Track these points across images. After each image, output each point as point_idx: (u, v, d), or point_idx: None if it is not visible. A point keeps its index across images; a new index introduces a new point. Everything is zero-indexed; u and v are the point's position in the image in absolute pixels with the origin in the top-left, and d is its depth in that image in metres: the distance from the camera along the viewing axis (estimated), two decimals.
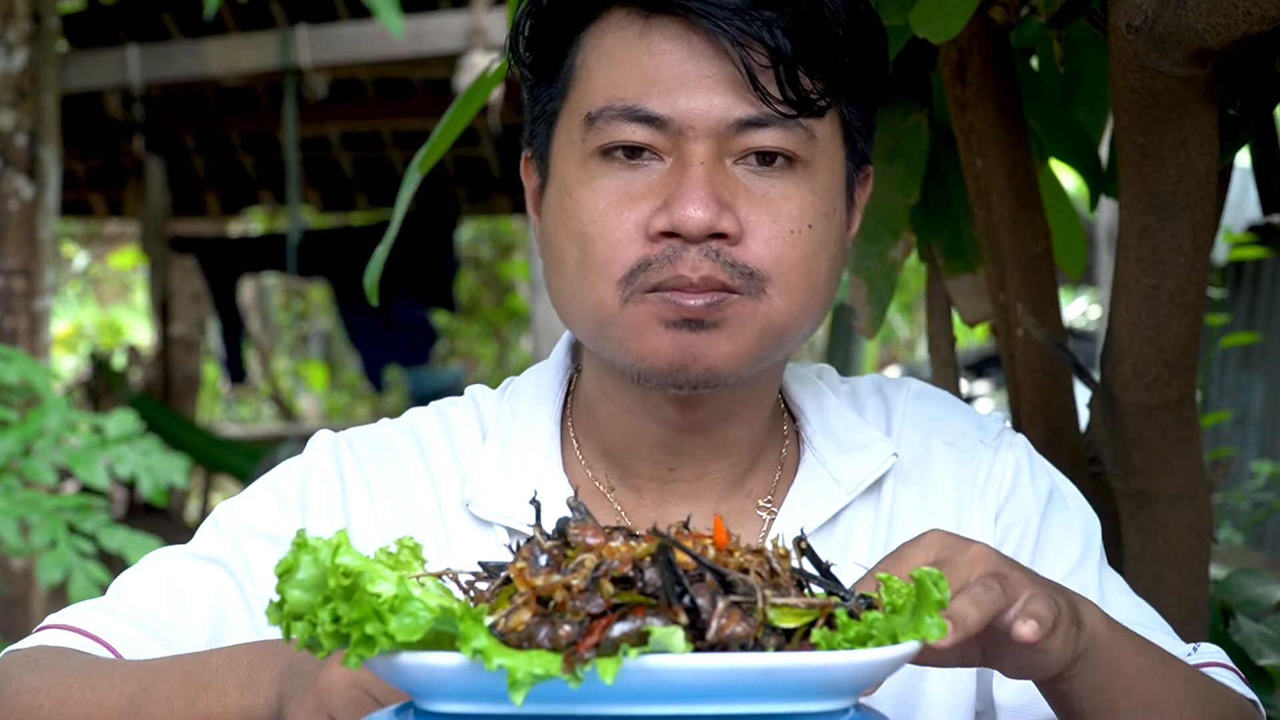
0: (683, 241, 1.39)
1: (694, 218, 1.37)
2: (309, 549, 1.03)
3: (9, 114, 6.40)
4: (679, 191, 1.39)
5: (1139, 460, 1.93)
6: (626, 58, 1.42)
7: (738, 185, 1.41)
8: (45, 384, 3.26)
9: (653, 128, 1.40)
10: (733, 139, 1.40)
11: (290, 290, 18.09)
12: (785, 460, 1.55)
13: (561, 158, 1.46)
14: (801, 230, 1.41)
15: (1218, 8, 1.54)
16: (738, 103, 1.39)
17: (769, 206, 1.41)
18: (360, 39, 8.58)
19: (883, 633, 1.06)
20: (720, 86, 1.39)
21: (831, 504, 1.51)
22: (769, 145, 1.40)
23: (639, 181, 1.41)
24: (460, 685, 1.01)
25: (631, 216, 1.40)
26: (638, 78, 1.41)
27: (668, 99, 1.40)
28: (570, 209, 1.44)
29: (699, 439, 1.50)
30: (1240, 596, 2.16)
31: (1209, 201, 1.76)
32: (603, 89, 1.42)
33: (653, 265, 1.40)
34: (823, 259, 1.43)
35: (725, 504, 1.52)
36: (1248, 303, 8.17)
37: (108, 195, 12.16)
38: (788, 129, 1.40)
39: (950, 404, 1.61)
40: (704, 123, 1.39)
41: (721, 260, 1.39)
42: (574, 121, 1.45)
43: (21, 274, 6.46)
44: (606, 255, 1.41)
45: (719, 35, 1.38)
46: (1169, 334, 1.83)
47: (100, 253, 18.94)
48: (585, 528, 1.06)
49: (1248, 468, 5.80)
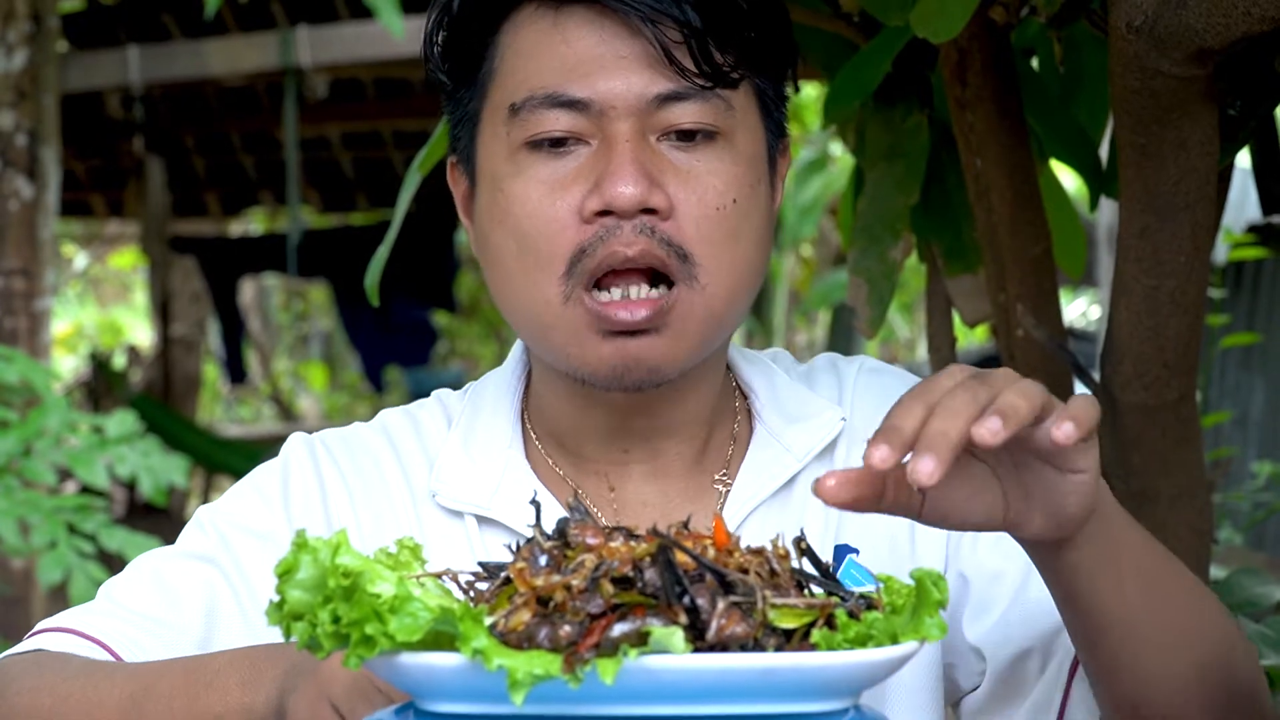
0: (615, 219, 1.42)
1: (625, 194, 1.41)
2: (309, 549, 1.03)
3: (9, 114, 6.40)
4: (608, 170, 1.42)
5: (1139, 460, 1.93)
6: (542, 48, 1.46)
7: (664, 162, 1.45)
8: (45, 384, 3.26)
9: (575, 112, 1.44)
10: (654, 115, 1.44)
11: (290, 290, 18.10)
12: (738, 435, 1.58)
13: (488, 156, 1.50)
14: (726, 206, 1.45)
15: (1218, 8, 1.54)
16: (655, 78, 1.44)
17: (695, 182, 1.45)
18: (361, 39, 8.58)
19: (882, 633, 1.06)
20: (637, 65, 1.44)
21: (783, 471, 1.54)
22: (689, 120, 1.45)
23: (568, 167, 1.45)
24: (460, 685, 1.01)
25: (564, 203, 1.44)
26: (556, 65, 1.45)
27: (587, 82, 1.44)
28: (503, 204, 1.47)
29: (646, 420, 1.53)
30: (1240, 597, 2.16)
31: (1209, 202, 1.76)
32: (523, 81, 1.46)
33: (588, 250, 1.43)
34: (749, 232, 1.47)
35: (683, 481, 1.55)
36: (1248, 303, 8.18)
37: (108, 195, 12.16)
38: (706, 101, 1.45)
39: (903, 376, 1.65)
40: (624, 101, 1.44)
41: (657, 237, 1.43)
42: (497, 118, 1.48)
43: (21, 274, 6.46)
44: (544, 245, 1.44)
45: (630, 15, 1.43)
46: (1169, 334, 1.83)
47: (100, 253, 18.94)
48: (585, 528, 1.06)
49: (1248, 468, 5.80)
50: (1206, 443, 2.43)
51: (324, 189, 12.22)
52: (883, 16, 1.83)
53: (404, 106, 10.17)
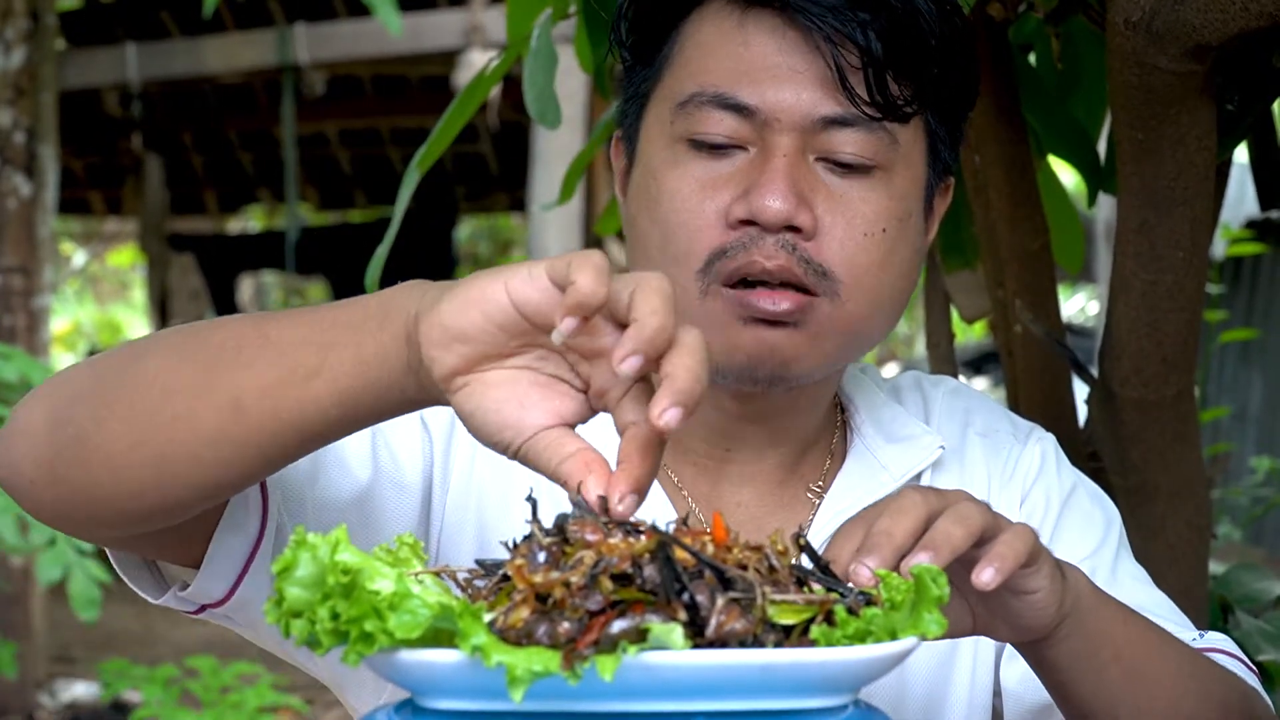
0: (759, 230, 1.41)
1: (771, 207, 1.39)
2: (308, 546, 1.03)
3: (7, 112, 6.40)
4: (760, 181, 1.41)
5: (1138, 456, 1.93)
6: (721, 47, 1.45)
7: (817, 182, 1.42)
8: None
9: (740, 116, 1.43)
10: (817, 135, 1.42)
11: (289, 288, 18.09)
12: (835, 448, 1.58)
13: (649, 141, 1.48)
14: (875, 234, 1.43)
15: (1215, 3, 1.54)
16: (825, 99, 1.42)
17: (845, 207, 1.42)
18: (358, 36, 8.59)
19: (881, 629, 1.06)
20: (810, 82, 1.42)
21: (878, 489, 1.52)
22: (850, 150, 1.42)
23: (722, 170, 1.43)
24: (459, 682, 1.01)
25: (713, 204, 1.43)
26: (730, 67, 1.43)
27: (757, 89, 1.42)
28: (655, 193, 1.46)
29: (755, 427, 1.52)
30: (1239, 592, 2.16)
31: (1207, 197, 1.77)
32: (696, 75, 1.45)
33: (728, 252, 1.41)
34: (895, 263, 1.45)
35: (779, 488, 1.54)
36: (1246, 298, 8.18)
37: (106, 193, 12.17)
38: (871, 131, 1.42)
39: (983, 400, 1.66)
40: (790, 116, 1.42)
41: (797, 255, 1.41)
42: (665, 106, 1.47)
43: (20, 272, 6.46)
44: (687, 242, 1.43)
45: (813, 32, 1.41)
46: (1167, 330, 1.84)
47: (99, 250, 18.94)
48: (584, 524, 1.06)
49: (1246, 463, 5.80)
50: (1205, 438, 2.44)
51: (322, 186, 12.23)
52: None
53: (402, 104, 10.18)
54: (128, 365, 1.24)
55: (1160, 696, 1.36)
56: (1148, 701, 1.35)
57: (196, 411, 1.18)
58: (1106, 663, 1.32)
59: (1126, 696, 1.34)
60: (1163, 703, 1.36)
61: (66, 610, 3.95)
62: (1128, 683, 1.33)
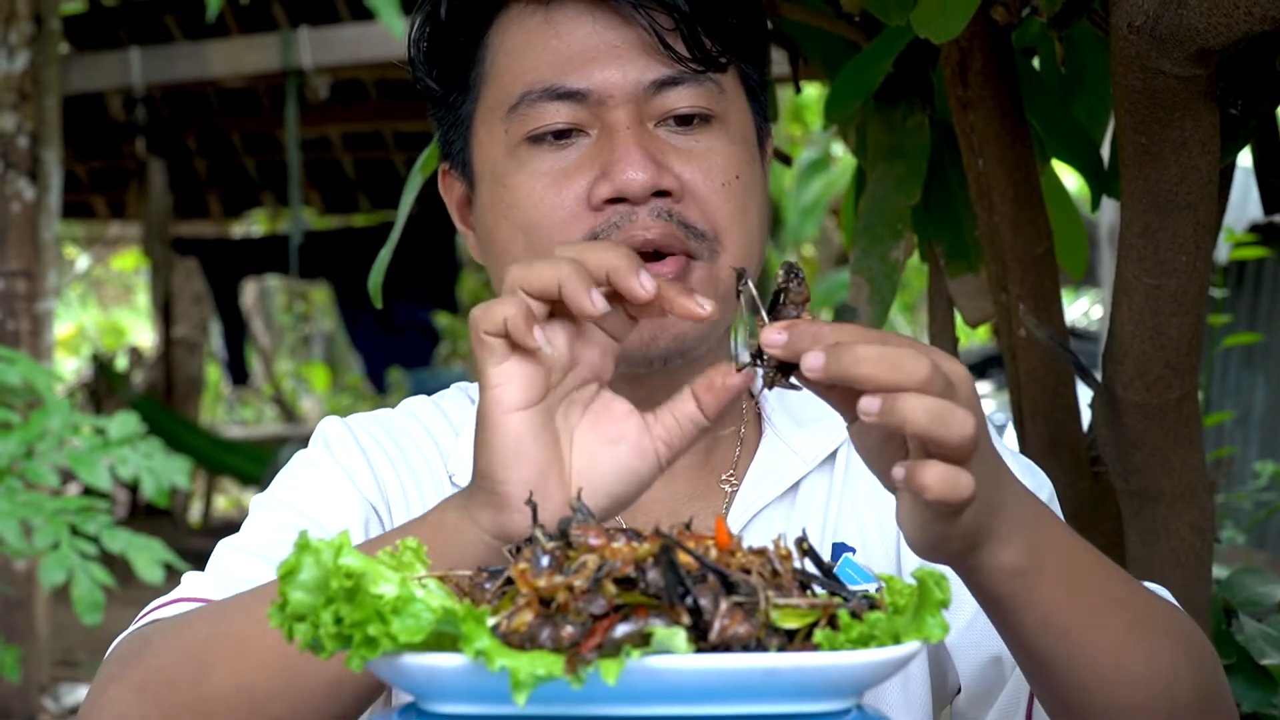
0: (629, 206, 1.44)
1: (637, 179, 1.43)
2: (311, 550, 1.03)
3: (11, 116, 6.40)
4: (614, 158, 1.44)
5: (1141, 460, 1.93)
6: (535, 45, 1.48)
7: (665, 145, 1.47)
8: (47, 386, 3.26)
9: (574, 103, 1.46)
10: (651, 101, 1.47)
11: (292, 292, 18.11)
12: (745, 438, 1.59)
13: (486, 158, 1.50)
14: (730, 182, 1.48)
15: (1219, 7, 1.54)
16: (651, 65, 1.46)
17: (699, 161, 1.47)
18: (362, 40, 8.59)
19: (885, 633, 1.06)
20: (631, 52, 1.46)
21: (790, 475, 1.54)
22: (686, 104, 1.47)
23: (569, 158, 1.46)
24: (463, 686, 1.01)
25: (570, 192, 1.46)
26: (550, 59, 1.47)
27: (583, 73, 1.46)
28: (508, 200, 1.48)
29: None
30: (1242, 596, 2.16)
31: (1210, 201, 1.76)
32: (519, 77, 1.48)
33: (600, 235, 1.44)
34: (753, 208, 1.50)
35: (690, 481, 1.55)
36: (1249, 302, 8.17)
37: (109, 197, 12.17)
38: (700, 85, 1.47)
39: None
40: (621, 89, 1.46)
41: (675, 220, 1.44)
42: (494, 117, 1.49)
43: (23, 276, 6.46)
44: (554, 234, 1.45)
45: (622, 4, 1.45)
46: (1171, 334, 1.83)
47: (102, 255, 18.95)
48: (587, 528, 1.06)
49: (1250, 467, 5.80)
50: (1208, 442, 2.43)
51: (325, 190, 12.23)
52: (884, 17, 1.84)
53: (405, 107, 10.18)
54: (206, 674, 1.28)
55: (1116, 628, 1.26)
56: (1097, 637, 1.25)
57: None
58: (1052, 581, 1.21)
59: (1075, 622, 1.23)
60: (1111, 645, 1.26)
61: (70, 614, 3.95)
62: (1069, 597, 1.23)
